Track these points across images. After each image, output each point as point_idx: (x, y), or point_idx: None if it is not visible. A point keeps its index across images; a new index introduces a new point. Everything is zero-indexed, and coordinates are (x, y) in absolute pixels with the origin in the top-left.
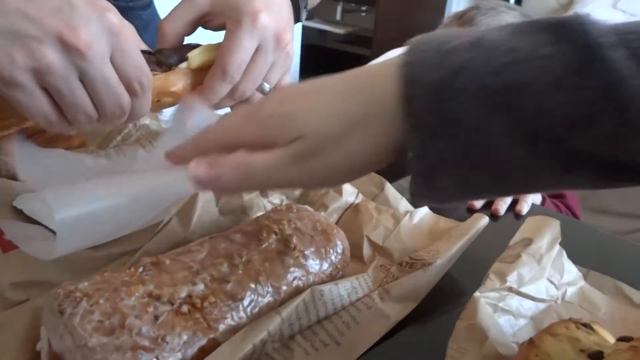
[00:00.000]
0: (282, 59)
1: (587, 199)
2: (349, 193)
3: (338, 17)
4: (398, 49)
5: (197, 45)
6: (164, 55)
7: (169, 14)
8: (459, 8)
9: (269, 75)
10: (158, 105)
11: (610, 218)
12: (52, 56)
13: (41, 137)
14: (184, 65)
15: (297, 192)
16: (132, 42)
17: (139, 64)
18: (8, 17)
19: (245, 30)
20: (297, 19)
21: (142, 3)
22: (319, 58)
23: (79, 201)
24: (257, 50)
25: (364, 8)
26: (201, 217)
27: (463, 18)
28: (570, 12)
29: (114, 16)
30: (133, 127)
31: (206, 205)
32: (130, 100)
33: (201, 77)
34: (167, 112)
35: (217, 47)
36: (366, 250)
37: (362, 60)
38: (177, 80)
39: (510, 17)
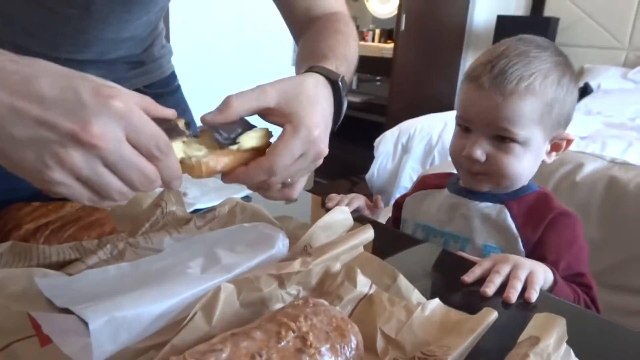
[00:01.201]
0: (312, 165)
1: (607, 275)
2: (363, 284)
3: (354, 86)
4: (413, 119)
5: (249, 125)
6: (220, 133)
7: (240, 93)
8: None
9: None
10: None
11: (634, 296)
12: (74, 155)
13: (75, 226)
14: (234, 147)
15: (314, 283)
16: (140, 117)
17: (152, 133)
18: (30, 128)
19: (300, 139)
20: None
21: (170, 89)
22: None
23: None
24: (300, 155)
25: (378, 78)
26: (223, 310)
27: (494, 72)
28: (581, 82)
29: (119, 102)
30: (160, 214)
31: (228, 298)
32: (154, 167)
33: (245, 156)
34: (191, 194)
35: (266, 135)
36: (380, 343)
37: (378, 127)
38: (225, 160)
39: (539, 62)
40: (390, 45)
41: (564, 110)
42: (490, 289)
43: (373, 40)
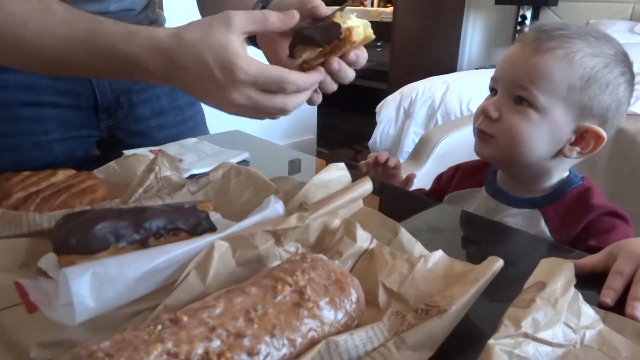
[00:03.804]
0: None
1: None
2: (363, 239)
3: None
4: (414, 82)
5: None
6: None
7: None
8: (473, 43)
9: None
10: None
11: None
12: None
13: (66, 193)
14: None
15: (312, 240)
16: (259, 74)
17: (274, 80)
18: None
19: None
20: None
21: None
22: (337, 93)
23: (95, 264)
24: None
25: (379, 44)
26: (218, 269)
27: (541, 30)
28: (597, 29)
29: (241, 74)
30: (154, 179)
31: (223, 257)
32: (284, 95)
33: None
34: (188, 160)
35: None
36: (382, 296)
37: (379, 94)
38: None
39: (594, 43)
40: (390, 9)
41: (601, 99)
42: (611, 297)
43: (372, 5)
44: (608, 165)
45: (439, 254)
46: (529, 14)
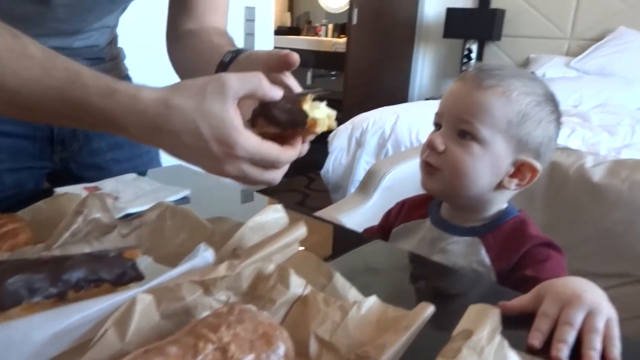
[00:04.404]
0: None
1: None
2: (297, 285)
3: (309, 81)
4: (365, 112)
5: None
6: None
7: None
8: (423, 74)
9: None
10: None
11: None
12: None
13: None
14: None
15: (244, 287)
16: (256, 152)
17: (269, 159)
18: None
19: None
20: None
21: None
22: None
23: None
24: None
25: (333, 73)
26: (140, 324)
27: (481, 69)
28: (528, 71)
29: (239, 151)
30: (83, 222)
31: (146, 310)
32: (274, 170)
33: None
34: (125, 198)
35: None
36: (313, 347)
37: None
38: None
39: (529, 81)
40: (343, 39)
41: (535, 135)
42: (538, 339)
43: (326, 35)
44: (544, 197)
45: (372, 299)
46: (474, 47)
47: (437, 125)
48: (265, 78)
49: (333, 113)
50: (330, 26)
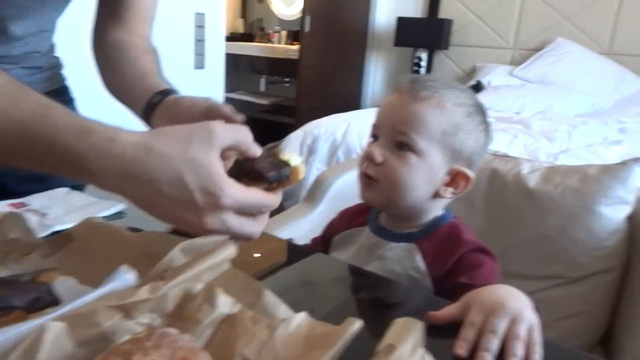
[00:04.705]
0: None
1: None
2: (224, 304)
3: (263, 88)
4: (317, 120)
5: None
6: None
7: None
8: (375, 81)
9: None
10: None
11: (516, 281)
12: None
13: None
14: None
15: (170, 309)
16: (242, 201)
17: (254, 205)
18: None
19: None
20: None
21: (65, 100)
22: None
23: None
24: None
25: (287, 79)
26: (51, 353)
27: (415, 80)
28: (474, 79)
29: (226, 200)
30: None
31: (57, 338)
32: (255, 220)
33: None
34: (53, 215)
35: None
36: None
37: (288, 129)
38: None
39: (460, 93)
40: (296, 46)
41: (467, 144)
42: (463, 348)
43: (279, 42)
44: (484, 203)
45: (301, 316)
46: (424, 56)
47: (375, 136)
48: (250, 133)
49: (301, 159)
50: (284, 33)
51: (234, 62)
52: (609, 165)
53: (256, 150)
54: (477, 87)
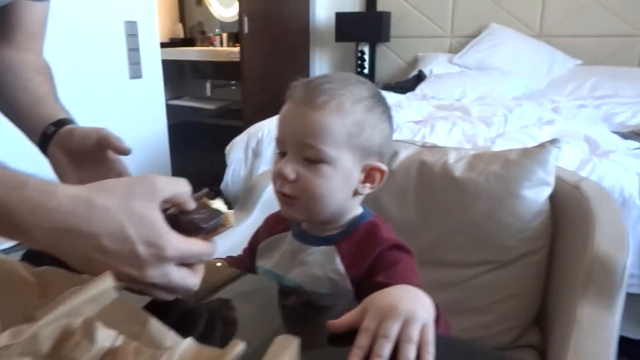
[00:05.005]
0: None
1: (426, 253)
2: (104, 337)
3: (208, 93)
4: (260, 122)
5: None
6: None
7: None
8: None
9: None
10: None
11: (451, 269)
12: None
13: None
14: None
15: (45, 349)
16: (185, 252)
17: (195, 254)
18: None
19: None
20: None
21: None
22: (193, 133)
23: None
24: None
25: (233, 82)
26: None
27: (309, 86)
28: (416, 69)
29: (169, 252)
30: None
31: None
32: (194, 272)
33: None
34: None
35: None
36: None
37: (235, 131)
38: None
39: (356, 89)
40: (238, 48)
41: (373, 138)
42: (358, 356)
43: (221, 45)
44: (415, 195)
45: (186, 342)
46: (366, 49)
47: (281, 153)
48: (189, 185)
49: (226, 206)
50: (225, 35)
51: (177, 69)
52: (528, 149)
53: (191, 203)
54: (419, 77)
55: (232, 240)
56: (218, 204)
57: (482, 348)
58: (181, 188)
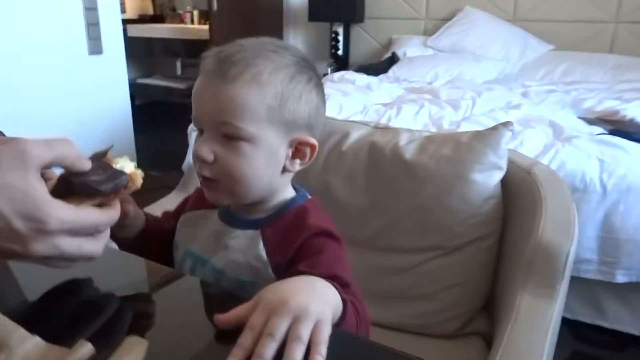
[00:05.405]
0: None
1: (377, 239)
2: None
3: (179, 72)
4: None
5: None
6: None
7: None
8: None
9: None
10: None
11: (399, 255)
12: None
13: None
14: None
15: None
16: (74, 221)
17: (89, 225)
18: None
19: None
20: None
21: None
22: (165, 113)
23: None
24: None
25: None
26: None
27: (220, 56)
28: (390, 51)
29: (51, 225)
30: None
31: None
32: (94, 239)
33: None
34: None
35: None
36: None
37: None
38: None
39: (274, 55)
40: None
41: (299, 110)
42: (237, 356)
43: (192, 22)
44: (365, 178)
45: (33, 341)
46: (341, 30)
47: (199, 130)
48: (74, 144)
49: (134, 163)
50: (196, 13)
51: (146, 46)
52: (480, 132)
53: (84, 163)
54: (393, 59)
55: None
56: (123, 163)
57: (387, 348)
58: (60, 149)
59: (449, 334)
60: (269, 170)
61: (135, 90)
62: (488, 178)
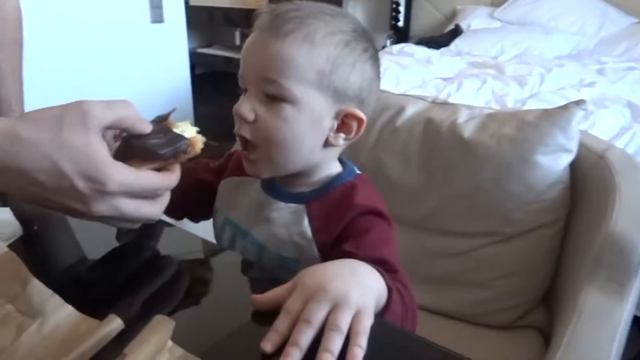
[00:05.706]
0: None
1: (429, 220)
2: None
3: (237, 42)
4: None
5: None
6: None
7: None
8: None
9: None
10: None
11: (452, 238)
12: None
13: None
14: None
15: None
16: (132, 183)
17: (149, 188)
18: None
19: None
20: None
21: None
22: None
23: None
24: None
25: None
26: None
27: (274, 13)
28: (453, 23)
29: (110, 186)
30: None
31: None
32: (152, 202)
33: None
34: None
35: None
36: None
37: None
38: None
39: (331, 19)
40: None
41: (351, 80)
42: (271, 341)
43: None
44: (419, 155)
45: (66, 311)
46: (402, 1)
47: (243, 90)
48: (134, 107)
49: (196, 128)
50: None
51: (207, 15)
52: (548, 110)
53: (144, 126)
54: (456, 32)
55: None
56: (184, 127)
57: (434, 345)
58: (121, 111)
59: (503, 325)
60: (311, 140)
61: (196, 59)
62: (554, 161)
